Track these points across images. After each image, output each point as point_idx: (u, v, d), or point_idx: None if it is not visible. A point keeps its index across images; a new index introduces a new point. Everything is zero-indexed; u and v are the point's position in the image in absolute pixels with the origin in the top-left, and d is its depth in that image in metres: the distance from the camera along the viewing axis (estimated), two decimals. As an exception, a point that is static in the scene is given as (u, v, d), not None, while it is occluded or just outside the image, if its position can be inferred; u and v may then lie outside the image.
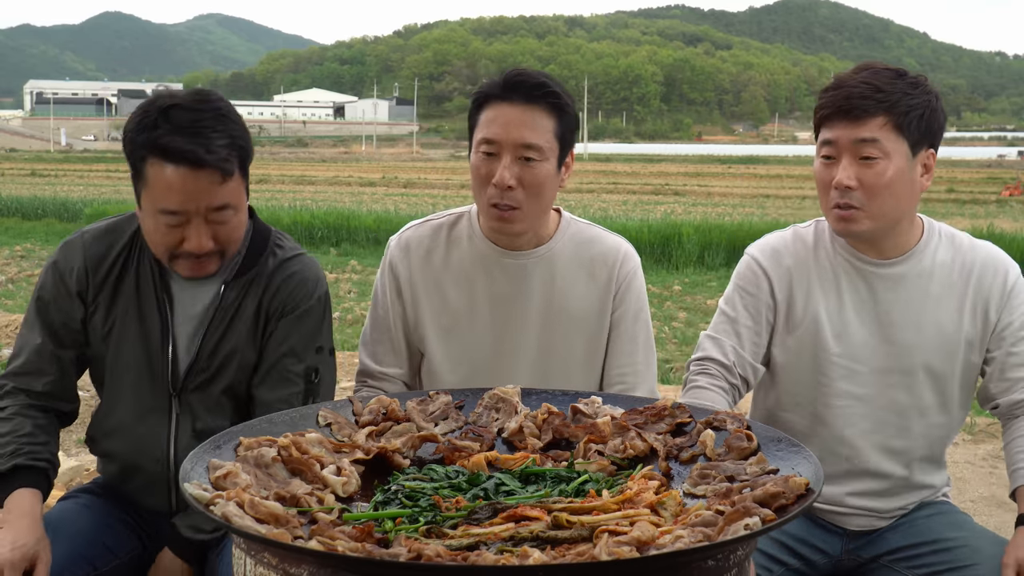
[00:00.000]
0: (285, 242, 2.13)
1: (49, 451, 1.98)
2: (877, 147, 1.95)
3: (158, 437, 2.06)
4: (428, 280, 2.18)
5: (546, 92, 2.02)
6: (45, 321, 2.05)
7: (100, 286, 2.04)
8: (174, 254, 1.93)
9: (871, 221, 2.00)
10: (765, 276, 2.16)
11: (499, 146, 2.01)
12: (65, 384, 2.07)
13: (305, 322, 2.07)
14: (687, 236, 14.22)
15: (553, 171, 2.05)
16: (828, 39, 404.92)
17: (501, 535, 1.22)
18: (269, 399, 2.03)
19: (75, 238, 2.09)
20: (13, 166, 46.67)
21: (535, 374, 2.15)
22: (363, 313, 9.52)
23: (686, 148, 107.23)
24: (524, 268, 2.15)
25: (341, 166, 56.26)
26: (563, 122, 2.05)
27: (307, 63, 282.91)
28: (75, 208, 19.74)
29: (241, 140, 1.91)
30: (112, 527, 2.08)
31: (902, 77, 1.99)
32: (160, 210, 1.87)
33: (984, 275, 2.09)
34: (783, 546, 2.16)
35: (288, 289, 2.06)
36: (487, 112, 2.04)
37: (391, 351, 2.22)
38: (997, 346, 2.10)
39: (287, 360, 2.05)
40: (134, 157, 1.89)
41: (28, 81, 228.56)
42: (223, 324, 2.04)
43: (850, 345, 2.09)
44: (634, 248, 2.27)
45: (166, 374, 2.04)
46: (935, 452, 2.17)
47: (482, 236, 2.16)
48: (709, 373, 2.14)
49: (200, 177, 1.84)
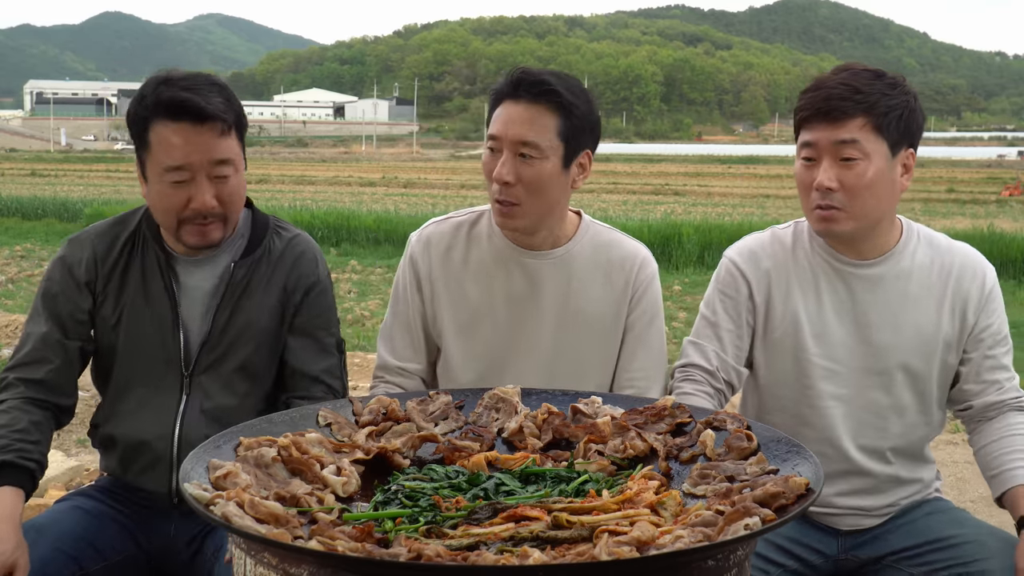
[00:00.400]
0: (285, 224, 2.24)
1: (39, 451, 1.98)
2: (857, 148, 1.96)
3: (166, 415, 2.08)
4: (448, 276, 2.21)
5: (547, 91, 2.02)
6: (52, 311, 2.09)
7: (108, 276, 2.10)
8: (181, 219, 2.00)
9: (852, 221, 2.01)
10: (744, 279, 2.16)
11: (500, 142, 2.04)
12: (66, 374, 2.08)
13: (326, 296, 2.19)
14: (687, 236, 14.25)
15: (556, 170, 2.05)
16: (828, 39, 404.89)
17: (501, 535, 1.22)
18: (314, 371, 2.12)
19: (82, 234, 2.17)
20: (13, 166, 46.69)
21: (548, 374, 2.16)
22: (363, 313, 9.53)
23: (686, 148, 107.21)
24: (541, 268, 2.17)
25: (341, 166, 56.28)
26: (568, 122, 2.04)
27: (307, 63, 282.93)
28: (75, 208, 19.74)
29: (235, 104, 2.04)
30: (104, 528, 2.07)
31: (880, 78, 1.99)
32: (166, 168, 1.96)
33: (963, 276, 2.10)
34: (777, 547, 2.16)
35: (304, 265, 2.17)
36: (498, 110, 2.09)
37: (410, 345, 2.25)
38: (974, 348, 2.11)
39: (321, 332, 2.16)
40: (139, 127, 2.00)
41: (28, 81, 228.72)
42: (233, 301, 2.09)
43: (829, 346, 2.10)
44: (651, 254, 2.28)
45: (178, 356, 2.08)
46: (917, 449, 2.18)
47: (500, 235, 2.19)
48: (693, 379, 2.14)
49: (202, 131, 1.95)
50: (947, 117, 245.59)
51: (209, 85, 2.00)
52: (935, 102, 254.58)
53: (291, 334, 2.14)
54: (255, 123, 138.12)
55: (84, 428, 3.06)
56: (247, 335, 2.10)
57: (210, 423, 2.02)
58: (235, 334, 2.09)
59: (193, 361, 2.08)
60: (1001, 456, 2.04)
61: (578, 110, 2.05)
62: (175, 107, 1.94)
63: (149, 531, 2.13)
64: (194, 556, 2.13)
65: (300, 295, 2.14)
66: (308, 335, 2.14)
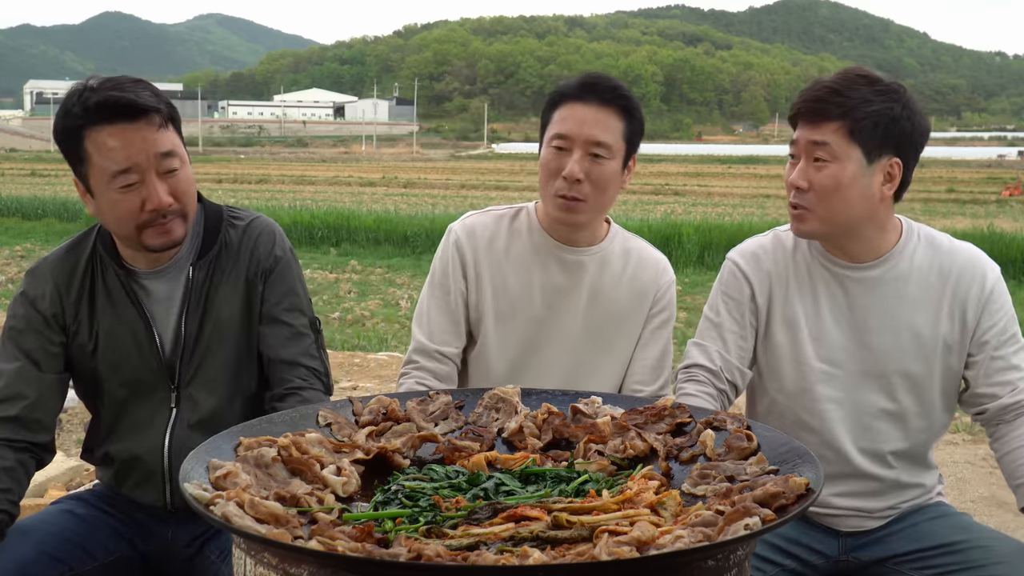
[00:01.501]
0: (239, 212, 2.18)
1: (8, 499, 1.87)
2: (827, 150, 1.97)
3: (156, 430, 2.06)
4: (492, 264, 2.29)
5: (619, 95, 2.17)
6: (21, 348, 2.02)
7: (76, 306, 2.04)
8: (139, 224, 1.93)
9: (819, 223, 2.02)
10: (746, 280, 2.18)
11: (571, 141, 2.14)
12: (43, 408, 2.00)
13: (288, 275, 2.13)
14: (687, 236, 14.24)
15: (618, 170, 2.19)
16: (828, 39, 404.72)
17: (501, 535, 1.22)
18: (290, 356, 2.07)
19: (39, 265, 2.09)
20: (13, 166, 46.64)
21: (573, 364, 2.27)
22: (363, 313, 9.52)
23: (686, 148, 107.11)
24: (579, 264, 2.28)
25: (341, 166, 56.24)
26: (631, 125, 2.19)
27: (307, 63, 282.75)
28: (75, 208, 19.70)
29: (164, 97, 1.95)
30: (94, 531, 2.06)
31: (872, 84, 1.98)
32: (112, 174, 1.89)
33: (963, 278, 2.08)
34: (775, 547, 2.16)
35: (261, 249, 2.10)
36: (562, 110, 2.19)
37: (449, 329, 2.30)
38: (979, 350, 2.08)
39: (291, 315, 2.11)
40: (72, 140, 1.91)
41: (28, 81, 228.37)
42: (200, 304, 2.05)
43: (828, 349, 2.10)
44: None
45: (160, 369, 2.05)
46: (919, 454, 2.17)
47: (540, 230, 2.29)
48: (697, 380, 2.16)
49: (139, 127, 1.89)
50: (947, 117, 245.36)
51: (134, 82, 1.94)
52: (935, 102, 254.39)
53: (261, 323, 2.09)
54: (255, 123, 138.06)
55: (84, 428, 3.06)
56: (221, 336, 2.06)
57: (200, 434, 1.96)
58: (209, 336, 2.05)
59: (177, 372, 2.05)
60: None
61: (638, 114, 2.21)
62: (107, 108, 1.87)
63: (146, 534, 2.13)
64: (193, 558, 2.12)
65: (262, 281, 2.09)
66: (278, 321, 2.09)
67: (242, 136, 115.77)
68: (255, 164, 55.71)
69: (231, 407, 2.07)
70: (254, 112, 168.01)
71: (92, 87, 1.91)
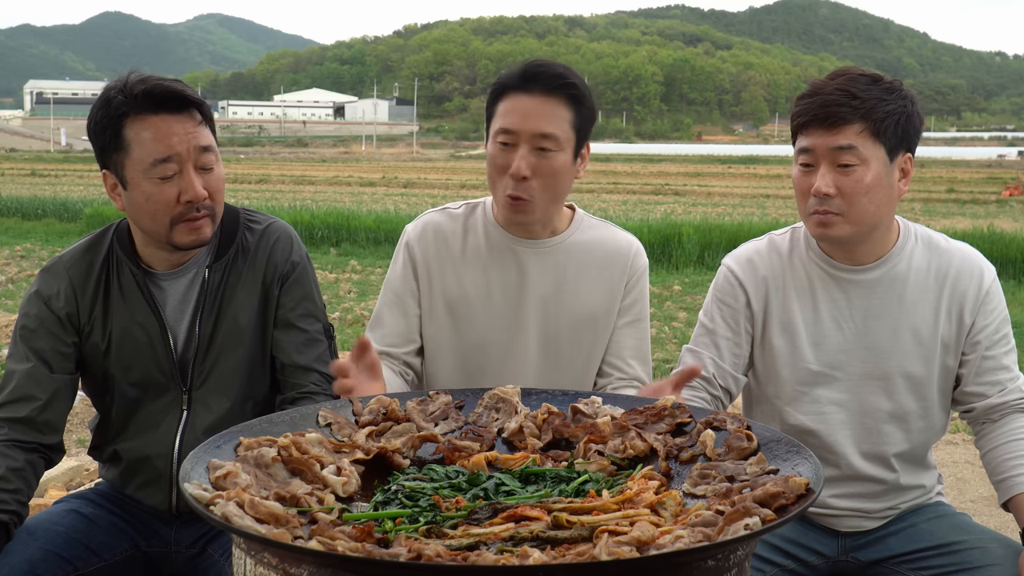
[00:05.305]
0: (256, 215, 2.17)
1: (16, 499, 1.87)
2: (854, 154, 1.95)
3: (167, 432, 2.05)
4: (444, 263, 2.22)
5: (565, 83, 2.04)
6: (33, 348, 2.01)
7: (91, 306, 2.03)
8: (173, 217, 1.93)
9: (850, 226, 2.00)
10: (741, 287, 2.17)
11: (516, 136, 2.04)
12: (53, 409, 2.00)
13: (305, 281, 2.13)
14: (687, 236, 14.22)
15: (569, 161, 2.08)
16: (828, 39, 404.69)
17: (501, 535, 1.22)
18: (304, 362, 2.07)
19: (54, 263, 2.08)
20: (13, 166, 46.67)
21: (539, 362, 2.18)
22: (363, 313, 9.52)
23: (686, 148, 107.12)
24: (537, 258, 2.18)
25: (341, 166, 56.25)
26: (580, 113, 2.08)
27: (307, 63, 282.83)
28: (75, 208, 19.70)
29: (202, 98, 1.98)
30: (99, 530, 2.06)
31: (877, 83, 1.98)
32: (152, 162, 1.90)
33: (960, 278, 2.09)
34: (774, 547, 2.16)
35: (279, 254, 2.10)
36: (505, 103, 2.07)
37: (399, 332, 2.23)
38: (972, 349, 2.09)
39: (306, 321, 2.10)
40: (112, 129, 1.91)
41: (28, 81, 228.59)
42: (215, 306, 2.05)
43: (827, 352, 2.10)
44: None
45: (173, 371, 2.04)
46: (920, 455, 2.17)
47: (496, 225, 2.21)
48: (691, 386, 2.14)
49: (182, 119, 1.91)
50: (947, 117, 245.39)
51: (175, 80, 1.96)
52: (935, 102, 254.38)
53: (276, 328, 2.09)
54: (255, 123, 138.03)
55: (84, 428, 3.05)
56: (235, 339, 2.05)
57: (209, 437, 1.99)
58: (222, 339, 2.05)
59: (189, 375, 2.04)
60: (1007, 461, 2.04)
61: (587, 101, 2.09)
62: (154, 97, 1.89)
63: (149, 535, 2.12)
64: (195, 559, 2.12)
65: (278, 286, 2.09)
66: (293, 326, 2.09)
67: (242, 136, 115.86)
68: (255, 164, 55.73)
69: (242, 411, 2.06)
70: (254, 112, 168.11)
71: (136, 78, 1.92)
